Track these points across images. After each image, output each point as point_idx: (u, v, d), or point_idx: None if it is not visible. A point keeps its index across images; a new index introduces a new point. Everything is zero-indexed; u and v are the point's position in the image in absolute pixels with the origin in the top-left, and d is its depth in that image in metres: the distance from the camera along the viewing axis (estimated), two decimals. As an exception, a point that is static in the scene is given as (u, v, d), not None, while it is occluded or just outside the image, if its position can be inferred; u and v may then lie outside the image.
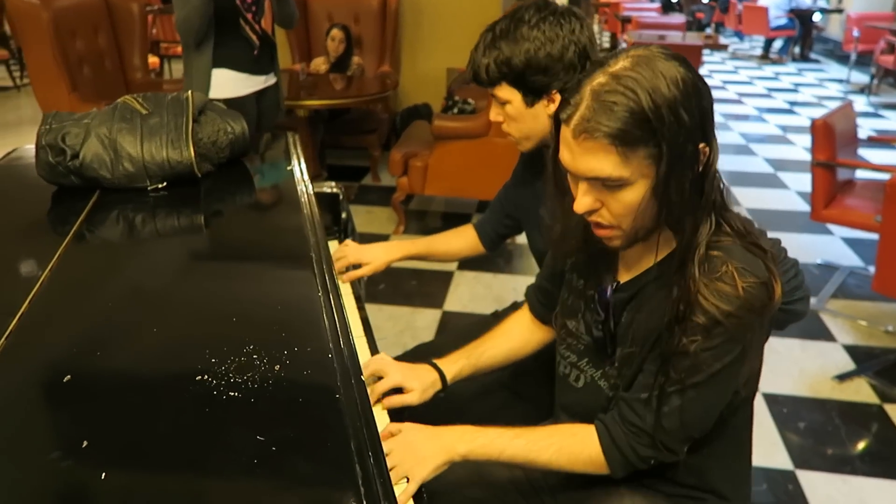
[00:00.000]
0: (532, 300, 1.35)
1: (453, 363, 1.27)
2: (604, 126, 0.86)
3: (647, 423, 0.98)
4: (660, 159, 0.86)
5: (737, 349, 0.94)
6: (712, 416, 1.00)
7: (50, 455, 0.70)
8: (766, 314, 0.94)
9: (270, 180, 1.68)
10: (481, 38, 1.32)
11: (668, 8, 10.59)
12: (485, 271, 3.41)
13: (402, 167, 3.76)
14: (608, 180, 0.90)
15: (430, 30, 4.93)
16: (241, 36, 2.71)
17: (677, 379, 0.95)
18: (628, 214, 0.93)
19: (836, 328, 2.93)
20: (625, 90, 0.85)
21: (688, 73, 0.88)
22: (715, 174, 0.93)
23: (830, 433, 2.32)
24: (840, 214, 3.01)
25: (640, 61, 0.88)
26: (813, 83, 8.48)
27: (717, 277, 0.91)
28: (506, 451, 1.03)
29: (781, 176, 4.89)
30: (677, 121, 0.85)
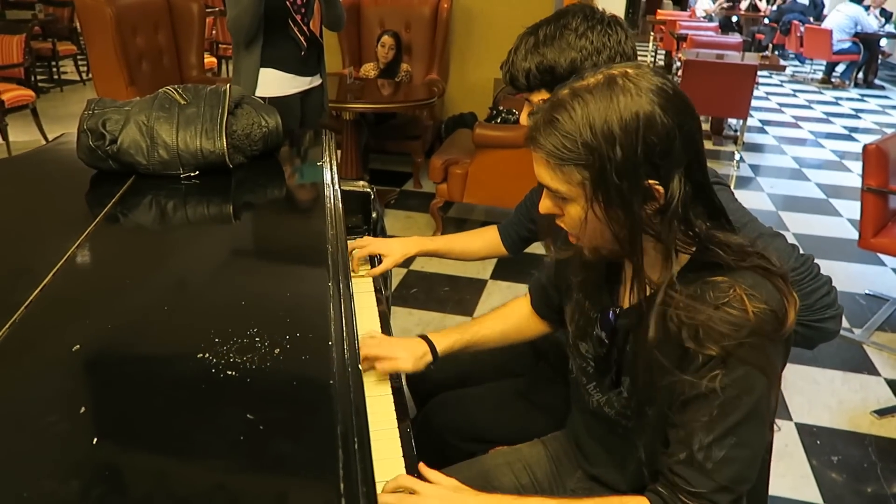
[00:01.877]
0: (535, 296, 1.34)
1: (445, 337, 1.28)
2: (541, 139, 0.88)
3: (698, 486, 0.91)
4: (591, 183, 0.86)
5: (762, 382, 0.89)
6: (759, 456, 0.94)
7: (47, 418, 0.72)
8: (780, 337, 0.90)
9: (300, 174, 1.71)
10: (521, 41, 1.29)
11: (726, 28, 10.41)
12: (518, 282, 3.39)
13: (443, 174, 3.77)
14: (551, 190, 0.91)
15: (479, 40, 4.96)
16: (289, 37, 2.76)
17: (711, 424, 0.89)
18: (578, 228, 0.92)
19: (880, 361, 2.82)
20: (571, 109, 0.85)
21: (649, 107, 0.84)
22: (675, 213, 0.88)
23: (866, 470, 2.22)
24: (891, 243, 2.89)
25: (607, 83, 0.86)
26: (875, 110, 8.21)
27: (726, 303, 0.87)
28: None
29: (834, 202, 4.74)
30: (610, 152, 0.83)
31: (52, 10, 8.12)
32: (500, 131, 3.64)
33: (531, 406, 1.52)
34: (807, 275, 1.21)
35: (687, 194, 0.88)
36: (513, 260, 3.59)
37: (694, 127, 0.88)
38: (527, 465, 1.30)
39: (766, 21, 12.24)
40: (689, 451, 0.91)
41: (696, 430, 0.90)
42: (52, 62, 7.55)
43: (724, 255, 0.91)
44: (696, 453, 0.90)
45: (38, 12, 7.89)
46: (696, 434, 0.90)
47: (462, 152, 3.85)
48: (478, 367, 1.61)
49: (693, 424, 0.91)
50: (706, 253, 0.92)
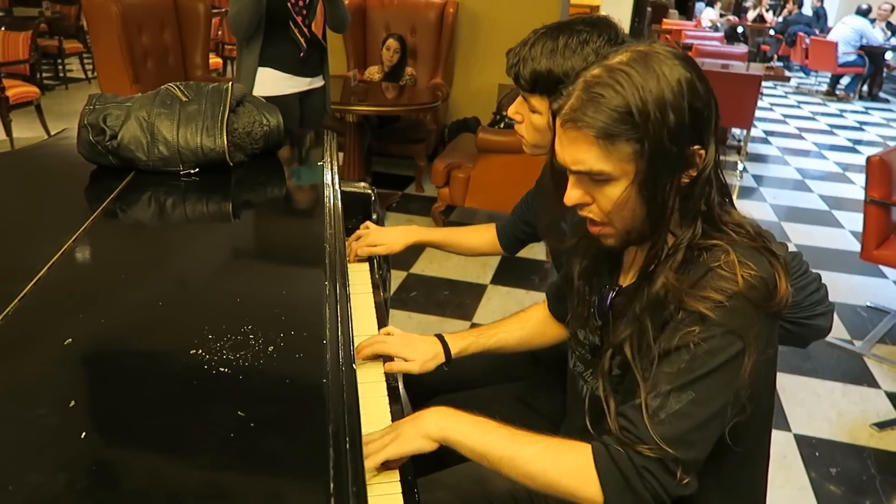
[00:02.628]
0: (550, 298, 1.34)
1: (461, 339, 1.28)
2: (588, 118, 0.86)
3: (643, 431, 0.87)
4: (642, 156, 0.85)
5: (736, 345, 0.87)
6: (715, 427, 0.89)
7: (36, 411, 0.71)
8: (768, 307, 0.89)
9: (300, 174, 1.71)
10: (538, 41, 1.25)
11: (732, 38, 10.42)
12: (518, 287, 3.39)
13: (445, 178, 3.77)
14: (592, 173, 0.89)
15: (485, 45, 4.96)
16: (288, 37, 2.77)
17: (674, 376, 0.87)
18: (616, 211, 0.91)
19: (880, 374, 2.80)
20: (614, 83, 0.85)
21: (687, 73, 0.86)
22: (708, 179, 0.90)
23: (865, 482, 2.20)
24: (892, 255, 2.88)
25: (638, 56, 0.87)
26: (879, 122, 8.20)
27: (717, 266, 0.88)
28: (486, 437, 0.94)
29: (836, 214, 4.73)
30: (663, 119, 0.84)
31: (59, 7, 8.16)
32: (503, 136, 3.64)
33: (529, 411, 1.51)
34: (796, 271, 1.21)
35: (717, 161, 0.90)
36: (513, 265, 3.61)
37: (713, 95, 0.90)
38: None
39: (771, 32, 12.26)
40: (645, 398, 0.88)
41: (660, 379, 0.88)
42: (58, 60, 7.57)
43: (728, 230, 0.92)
44: (651, 400, 0.87)
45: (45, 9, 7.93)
46: (659, 383, 0.88)
47: (465, 156, 3.85)
48: (475, 370, 1.60)
49: (658, 375, 0.88)
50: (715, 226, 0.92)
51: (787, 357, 2.83)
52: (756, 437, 1.08)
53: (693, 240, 0.92)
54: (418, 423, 0.99)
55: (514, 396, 1.54)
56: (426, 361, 1.23)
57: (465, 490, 1.22)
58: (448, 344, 1.27)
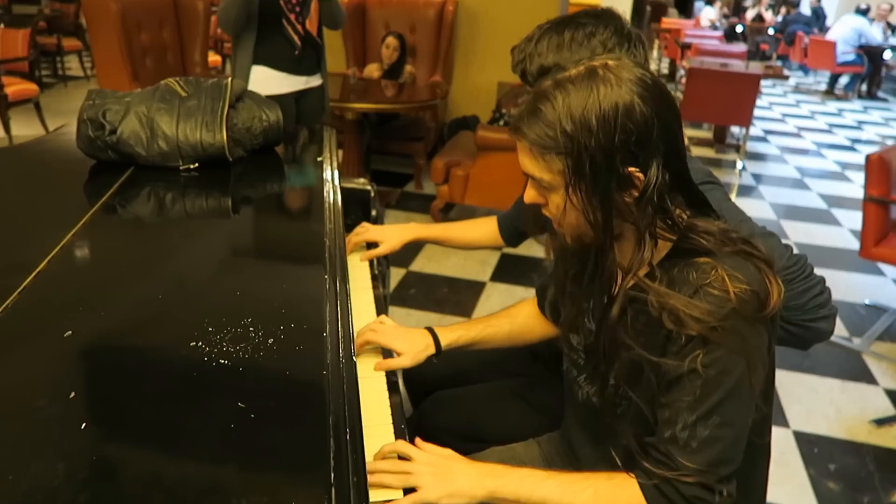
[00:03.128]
0: (540, 296, 1.35)
1: (451, 332, 1.29)
2: (524, 129, 0.89)
3: (682, 463, 0.91)
4: (570, 171, 0.88)
5: (742, 362, 0.89)
6: (743, 438, 0.94)
7: (36, 402, 0.71)
8: (762, 318, 0.90)
9: (299, 169, 1.71)
10: (544, 36, 1.24)
11: (731, 37, 10.42)
12: (517, 284, 3.39)
13: (444, 175, 3.77)
14: (535, 180, 0.92)
15: (484, 43, 4.96)
16: (282, 35, 2.74)
17: (694, 404, 0.90)
18: (560, 217, 0.94)
19: (879, 371, 2.81)
20: (552, 99, 0.87)
21: (629, 97, 0.86)
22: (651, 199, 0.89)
23: (863, 479, 2.21)
24: (891, 253, 2.88)
25: (587, 73, 0.88)
26: (878, 122, 8.20)
27: (707, 284, 0.88)
28: (537, 492, 0.96)
29: (835, 213, 4.73)
30: (587, 139, 0.85)
31: (58, 5, 8.14)
32: (502, 134, 3.64)
33: (527, 406, 1.51)
34: (799, 274, 1.20)
35: (665, 183, 0.89)
36: (512, 262, 3.61)
37: (671, 117, 0.90)
38: (521, 464, 1.29)
39: (770, 31, 12.27)
40: (674, 431, 0.91)
41: (681, 409, 0.91)
42: (56, 57, 7.56)
43: (705, 241, 0.92)
44: (680, 432, 0.90)
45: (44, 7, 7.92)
46: (681, 413, 0.91)
47: (464, 154, 3.85)
48: (474, 366, 1.60)
49: (677, 404, 0.91)
50: (687, 241, 0.93)
51: (785, 354, 2.83)
52: (756, 434, 1.09)
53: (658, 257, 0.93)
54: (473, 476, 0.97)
55: (513, 392, 1.54)
56: (417, 353, 1.24)
57: None
58: (438, 336, 1.28)
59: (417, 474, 0.93)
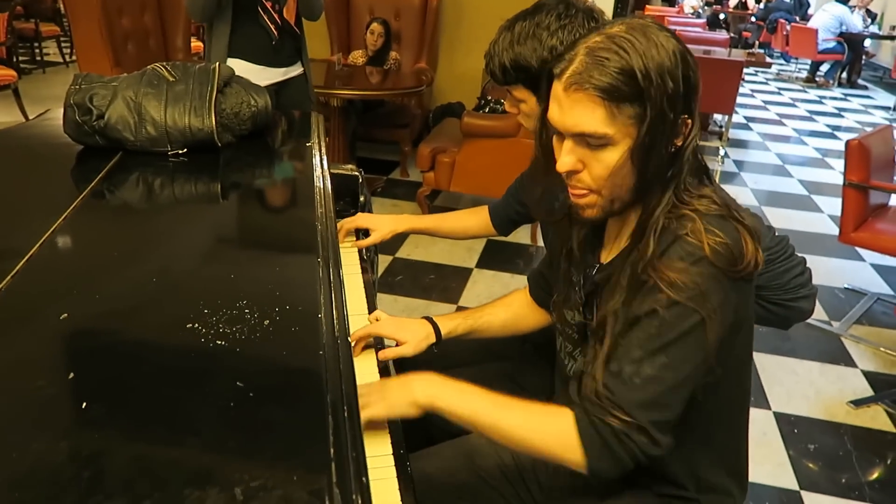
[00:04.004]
0: (532, 284, 1.37)
1: (450, 320, 1.30)
2: (595, 80, 0.88)
3: (620, 398, 0.91)
4: (643, 120, 0.88)
5: (704, 309, 0.90)
6: (686, 389, 0.93)
7: (35, 382, 0.72)
8: (734, 274, 0.91)
9: (288, 154, 1.71)
10: (500, 36, 1.30)
11: (714, 25, 10.48)
12: (503, 271, 3.41)
13: (430, 162, 3.77)
14: (593, 137, 0.91)
15: (469, 30, 4.95)
16: (258, 25, 2.62)
17: (645, 342, 0.91)
18: (608, 177, 0.93)
19: (857, 354, 2.87)
20: (618, 49, 0.88)
21: (679, 45, 0.90)
22: (693, 150, 0.93)
23: (841, 457, 2.26)
24: (870, 238, 2.94)
25: (636, 27, 0.90)
26: (858, 109, 8.31)
27: (685, 233, 0.91)
28: (471, 404, 0.98)
29: (816, 199, 4.80)
30: (664, 86, 0.87)
31: (35, -10, 7.99)
32: (488, 120, 3.65)
33: (517, 388, 1.53)
34: (781, 254, 1.24)
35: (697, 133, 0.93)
36: (498, 249, 3.63)
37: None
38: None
39: (753, 19, 12.34)
40: (620, 365, 0.92)
41: (632, 346, 0.92)
42: (34, 43, 7.43)
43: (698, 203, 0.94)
44: (626, 366, 0.91)
45: (20, -8, 7.76)
46: (631, 350, 0.92)
47: (450, 141, 3.86)
48: (464, 350, 1.61)
49: (632, 342, 0.92)
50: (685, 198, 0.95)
51: (766, 337, 2.89)
52: (738, 409, 1.12)
53: (667, 208, 0.94)
54: (406, 390, 1.01)
55: (503, 374, 1.56)
56: (419, 343, 1.26)
57: (454, 465, 1.25)
58: (438, 325, 1.29)
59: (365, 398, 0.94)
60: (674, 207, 0.94)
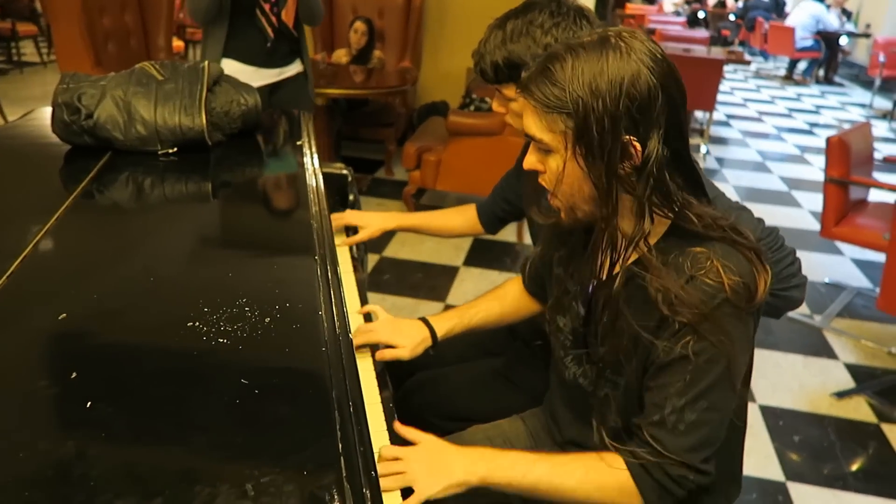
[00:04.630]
0: (525, 275, 1.37)
1: (446, 321, 1.30)
2: (533, 88, 0.91)
3: (669, 447, 0.94)
4: (572, 133, 0.90)
5: (732, 351, 0.92)
6: (727, 420, 0.97)
7: (38, 382, 0.71)
8: (751, 308, 0.93)
9: (279, 153, 1.71)
10: (490, 34, 1.30)
11: (693, 23, 10.57)
12: (490, 269, 3.43)
13: (416, 161, 3.78)
14: (535, 141, 0.94)
15: (452, 29, 4.96)
16: (255, 26, 2.61)
17: (683, 389, 0.93)
18: (557, 183, 0.95)
19: (839, 346, 2.92)
20: (563, 61, 0.89)
21: (640, 68, 0.88)
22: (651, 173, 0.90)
23: (825, 448, 2.30)
24: (850, 232, 2.99)
25: (598, 41, 0.90)
26: (835, 106, 8.43)
27: (703, 273, 0.91)
28: (528, 476, 0.97)
29: (795, 195, 4.87)
30: (593, 104, 0.87)
31: (11, -11, 7.87)
32: (473, 119, 3.66)
33: (509, 384, 1.54)
34: (772, 245, 1.26)
35: (664, 158, 0.91)
36: (485, 247, 3.65)
37: (677, 94, 0.91)
38: (506, 440, 1.32)
39: (731, 17, 12.47)
40: (662, 414, 0.94)
41: (670, 394, 0.93)
42: (11, 43, 7.32)
43: (697, 223, 0.94)
44: (669, 416, 0.93)
45: (-4, -9, 7.65)
46: (670, 398, 0.93)
47: (435, 139, 3.86)
48: (455, 347, 1.62)
49: (667, 389, 0.94)
50: (682, 220, 0.95)
51: (751, 332, 2.92)
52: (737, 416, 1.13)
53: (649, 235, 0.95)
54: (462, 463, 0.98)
55: (494, 370, 1.57)
56: (415, 346, 1.25)
57: None
58: (434, 327, 1.29)
59: (411, 472, 0.93)
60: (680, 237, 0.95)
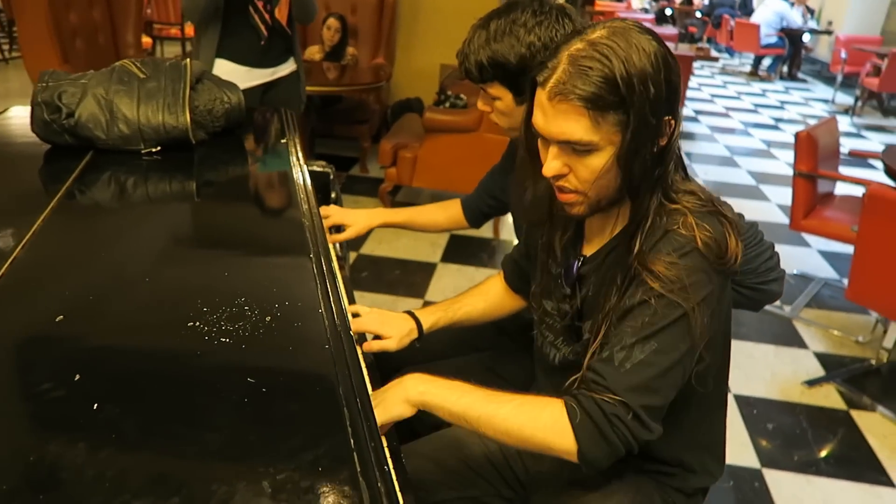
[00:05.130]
0: (508, 271, 1.39)
1: (431, 314, 1.31)
2: (578, 89, 0.89)
3: (611, 381, 0.93)
4: (627, 126, 0.90)
5: (693, 299, 0.93)
6: (677, 375, 0.95)
7: (41, 386, 0.71)
8: (719, 265, 0.95)
9: (265, 151, 1.70)
10: (474, 34, 1.32)
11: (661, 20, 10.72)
12: (468, 265, 3.44)
13: (392, 158, 3.78)
14: (578, 144, 0.93)
15: (426, 25, 4.96)
16: (248, 24, 2.57)
17: (638, 329, 0.94)
18: (595, 180, 0.96)
19: (808, 336, 3.00)
20: (600, 57, 0.89)
21: (660, 48, 0.92)
22: (676, 147, 0.96)
23: (798, 435, 2.37)
24: (818, 225, 3.07)
25: (616, 31, 0.91)
26: (799, 102, 8.63)
27: (677, 227, 0.95)
28: (463, 398, 0.99)
29: (763, 188, 4.98)
30: (646, 91, 0.89)
31: (-31, -17, 7.65)
32: (449, 115, 3.67)
33: (497, 378, 1.56)
34: (752, 240, 1.30)
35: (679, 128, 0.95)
36: (462, 243, 3.66)
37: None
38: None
39: (698, 14, 12.66)
40: (612, 351, 0.95)
41: (625, 333, 0.95)
42: (-30, 38, 7.12)
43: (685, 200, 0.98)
44: (618, 353, 0.94)
45: (-46, -15, 7.43)
46: (624, 337, 0.94)
47: (411, 136, 3.87)
48: (442, 342, 1.63)
49: (625, 329, 0.95)
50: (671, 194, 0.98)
51: (724, 323, 2.99)
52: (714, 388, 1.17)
53: (655, 205, 0.97)
54: (398, 389, 1.02)
55: (481, 365, 1.58)
56: (402, 337, 1.26)
57: (442, 456, 1.27)
58: (420, 319, 1.30)
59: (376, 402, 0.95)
60: (660, 204, 0.97)
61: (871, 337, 2.99)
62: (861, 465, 2.24)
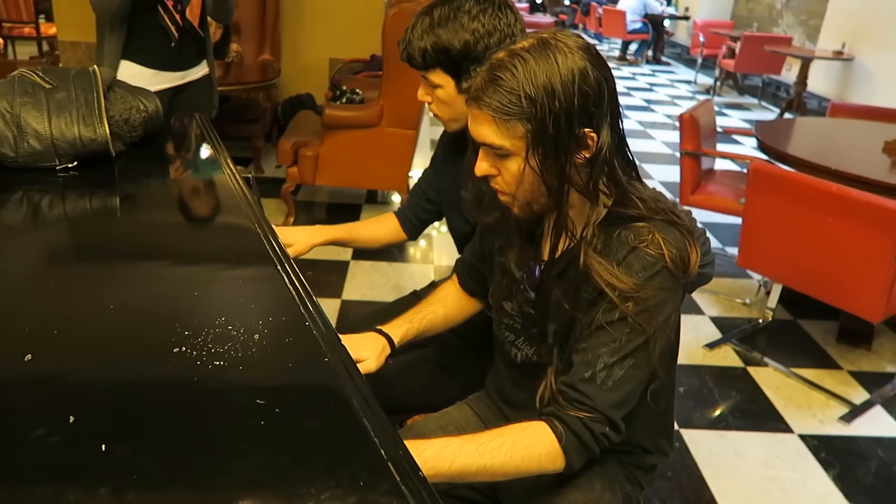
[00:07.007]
0: (462, 275, 1.40)
1: (398, 327, 1.30)
2: (487, 98, 0.95)
3: (597, 401, 0.99)
4: (532, 135, 0.95)
5: (664, 313, 1.01)
6: (643, 383, 1.04)
7: (34, 433, 0.66)
8: (685, 279, 1.02)
9: (190, 160, 1.62)
10: (417, 21, 1.33)
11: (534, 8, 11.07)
12: (380, 260, 3.44)
13: (293, 157, 3.69)
14: (493, 147, 0.99)
15: (311, 19, 4.86)
16: (157, 25, 2.40)
17: (617, 348, 1.00)
18: (516, 184, 1.00)
19: (703, 302, 3.24)
20: (512, 67, 0.94)
21: (581, 63, 0.94)
22: (605, 160, 0.98)
23: (706, 395, 2.57)
24: (706, 199, 3.32)
25: (539, 44, 0.95)
26: (665, 83, 9.20)
27: (645, 245, 1.00)
28: (457, 461, 0.96)
29: (646, 167, 5.29)
30: (549, 104, 0.93)
31: None
32: (349, 111, 3.64)
33: (442, 372, 1.59)
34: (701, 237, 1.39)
35: (613, 144, 0.99)
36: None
37: (613, 82, 0.99)
38: (459, 427, 1.36)
39: (567, 2, 13.17)
40: (593, 371, 1.01)
41: (603, 353, 1.01)
42: None
43: (640, 206, 1.03)
44: (600, 372, 1.01)
45: None
46: (602, 356, 1.01)
47: (310, 134, 3.79)
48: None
49: (600, 348, 1.01)
50: (624, 204, 1.03)
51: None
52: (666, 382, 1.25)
53: (598, 219, 1.02)
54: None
55: (427, 361, 1.60)
56: (378, 356, 1.25)
57: None
58: (389, 334, 1.29)
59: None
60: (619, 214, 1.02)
61: (756, 298, 3.28)
62: (762, 416, 2.46)
